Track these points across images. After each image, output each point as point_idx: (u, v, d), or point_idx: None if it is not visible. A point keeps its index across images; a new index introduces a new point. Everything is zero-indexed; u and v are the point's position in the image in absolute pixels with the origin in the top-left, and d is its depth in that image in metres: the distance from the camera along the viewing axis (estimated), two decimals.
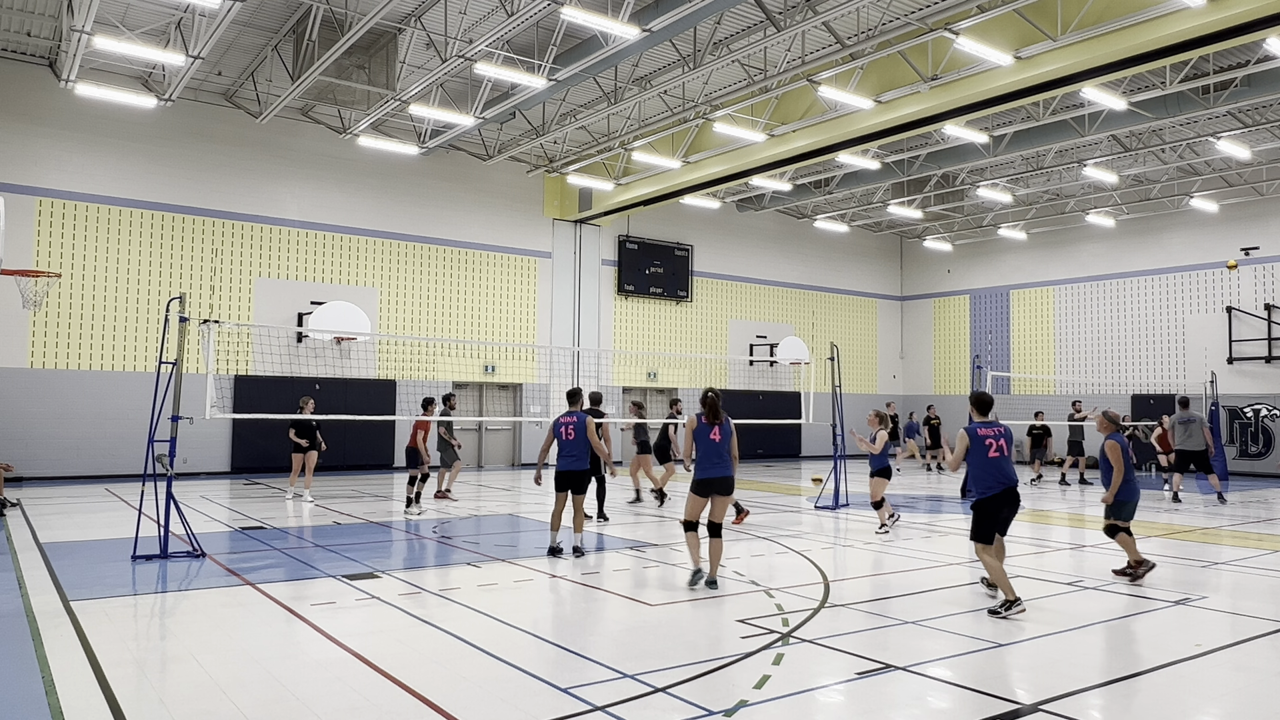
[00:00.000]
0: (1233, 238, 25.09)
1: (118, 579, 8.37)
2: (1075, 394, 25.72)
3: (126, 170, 19.00)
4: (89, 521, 12.34)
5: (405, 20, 15.77)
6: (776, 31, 14.38)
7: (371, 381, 21.38)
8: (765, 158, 19.62)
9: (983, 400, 7.95)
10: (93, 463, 18.26)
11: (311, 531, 11.65)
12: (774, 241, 29.65)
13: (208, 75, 18.81)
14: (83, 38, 14.35)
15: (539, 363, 24.32)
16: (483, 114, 18.09)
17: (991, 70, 15.13)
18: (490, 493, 16.93)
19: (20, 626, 6.55)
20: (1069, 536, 12.24)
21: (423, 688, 5.25)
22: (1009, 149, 20.80)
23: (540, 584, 8.54)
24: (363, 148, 21.30)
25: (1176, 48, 13.53)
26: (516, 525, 12.67)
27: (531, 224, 24.57)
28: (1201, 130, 20.31)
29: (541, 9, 13.35)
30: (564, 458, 9.80)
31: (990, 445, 7.55)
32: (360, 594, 7.86)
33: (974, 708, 5.06)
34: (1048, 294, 29.14)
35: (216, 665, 5.69)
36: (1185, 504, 16.18)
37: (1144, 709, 5.18)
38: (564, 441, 9.81)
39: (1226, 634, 6.84)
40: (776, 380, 28.91)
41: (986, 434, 7.60)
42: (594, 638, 6.65)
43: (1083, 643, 6.52)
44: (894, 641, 6.46)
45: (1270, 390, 23.84)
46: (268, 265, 20.59)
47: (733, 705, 5.01)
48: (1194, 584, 8.78)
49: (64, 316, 18.24)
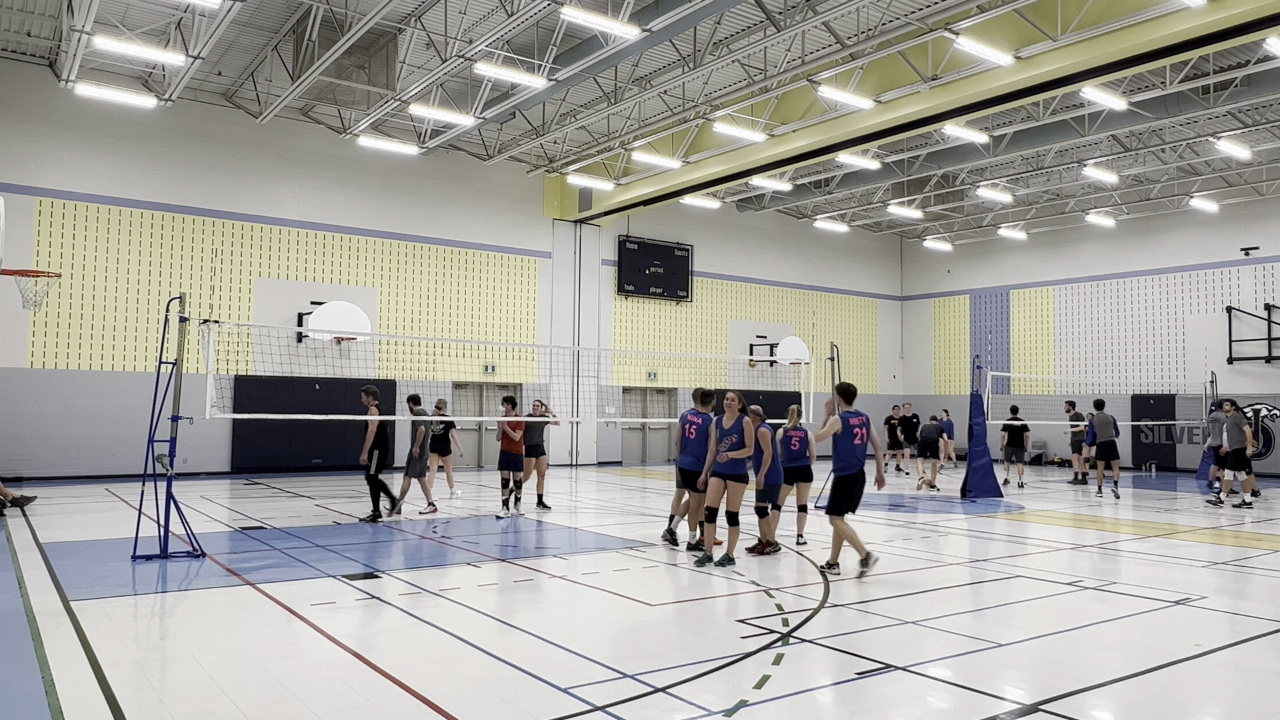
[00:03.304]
0: (1233, 238, 25.09)
1: (118, 579, 8.37)
2: (1075, 394, 25.69)
3: (126, 170, 18.99)
4: (89, 521, 12.34)
5: (405, 20, 15.77)
6: (776, 31, 14.38)
7: (372, 382, 21.36)
8: (765, 158, 19.62)
9: (848, 390, 9.12)
10: (93, 463, 18.26)
11: (311, 531, 11.65)
12: (774, 241, 29.65)
13: (208, 75, 18.80)
14: (83, 38, 14.35)
15: (539, 363, 24.32)
16: (483, 114, 18.09)
17: (991, 70, 15.13)
18: (490, 493, 16.92)
19: (20, 626, 6.55)
20: (1071, 537, 12.23)
21: (423, 688, 5.25)
22: (1009, 149, 20.80)
23: (540, 584, 8.54)
24: (363, 148, 21.30)
25: (1176, 48, 13.53)
26: (516, 525, 12.67)
27: (531, 224, 24.57)
28: (1201, 130, 20.30)
29: (541, 9, 13.35)
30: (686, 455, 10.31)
31: (857, 433, 8.90)
32: (360, 594, 7.86)
33: (974, 708, 5.06)
34: (1048, 294, 29.14)
35: (216, 665, 5.69)
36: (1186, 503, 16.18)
37: (1144, 709, 5.18)
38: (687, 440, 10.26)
39: (1226, 634, 6.84)
40: (776, 380, 28.90)
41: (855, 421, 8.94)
42: (594, 638, 6.65)
43: (1083, 643, 6.52)
44: (894, 641, 6.46)
45: (1270, 390, 23.84)
46: (268, 265, 20.59)
47: (733, 705, 5.01)
48: (1194, 584, 8.78)
49: (64, 316, 18.24)
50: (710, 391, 10.69)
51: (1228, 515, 14.66)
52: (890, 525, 13.10)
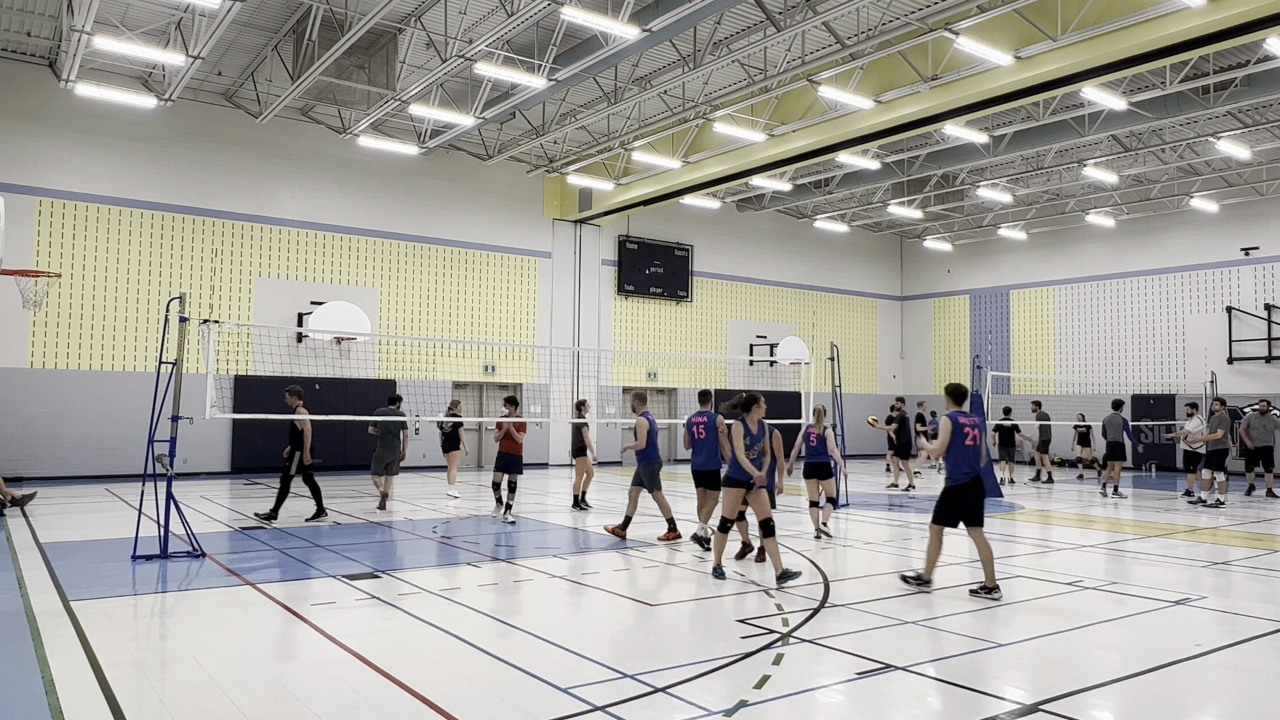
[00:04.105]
0: (1233, 238, 25.09)
1: (118, 579, 8.36)
2: (1075, 394, 25.70)
3: (126, 170, 19.00)
4: (89, 521, 12.34)
5: (405, 20, 15.77)
6: (776, 31, 14.38)
7: (371, 381, 21.37)
8: (765, 158, 19.62)
9: (958, 391, 8.30)
10: (93, 463, 18.26)
11: (311, 531, 11.64)
12: (774, 241, 29.65)
13: (208, 75, 18.80)
14: (83, 38, 14.35)
15: (539, 363, 24.32)
16: (483, 114, 18.09)
17: (991, 70, 15.13)
18: (490, 493, 16.90)
19: (20, 626, 6.55)
20: (1071, 536, 12.23)
21: (423, 688, 5.25)
22: (1009, 149, 20.80)
23: (540, 584, 8.54)
24: (363, 148, 21.30)
25: (1176, 48, 13.53)
26: (516, 525, 12.66)
27: (531, 224, 24.57)
28: (1201, 130, 20.31)
29: (541, 9, 13.35)
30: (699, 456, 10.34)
31: (969, 434, 7.98)
32: (360, 594, 7.86)
33: (974, 708, 5.06)
34: (1048, 294, 29.14)
35: (216, 665, 5.68)
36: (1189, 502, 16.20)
37: (1144, 709, 5.18)
38: (697, 440, 10.24)
39: (1226, 634, 6.84)
40: (776, 380, 28.90)
41: (965, 422, 8.01)
42: (594, 638, 6.65)
43: (1083, 643, 6.51)
44: (894, 641, 6.46)
45: (1270, 390, 23.82)
46: (268, 265, 20.59)
47: (733, 705, 5.00)
48: (1194, 584, 8.78)
49: (64, 316, 18.24)
50: (708, 391, 10.89)
51: (1227, 515, 14.66)
52: (890, 525, 13.10)
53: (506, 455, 13.08)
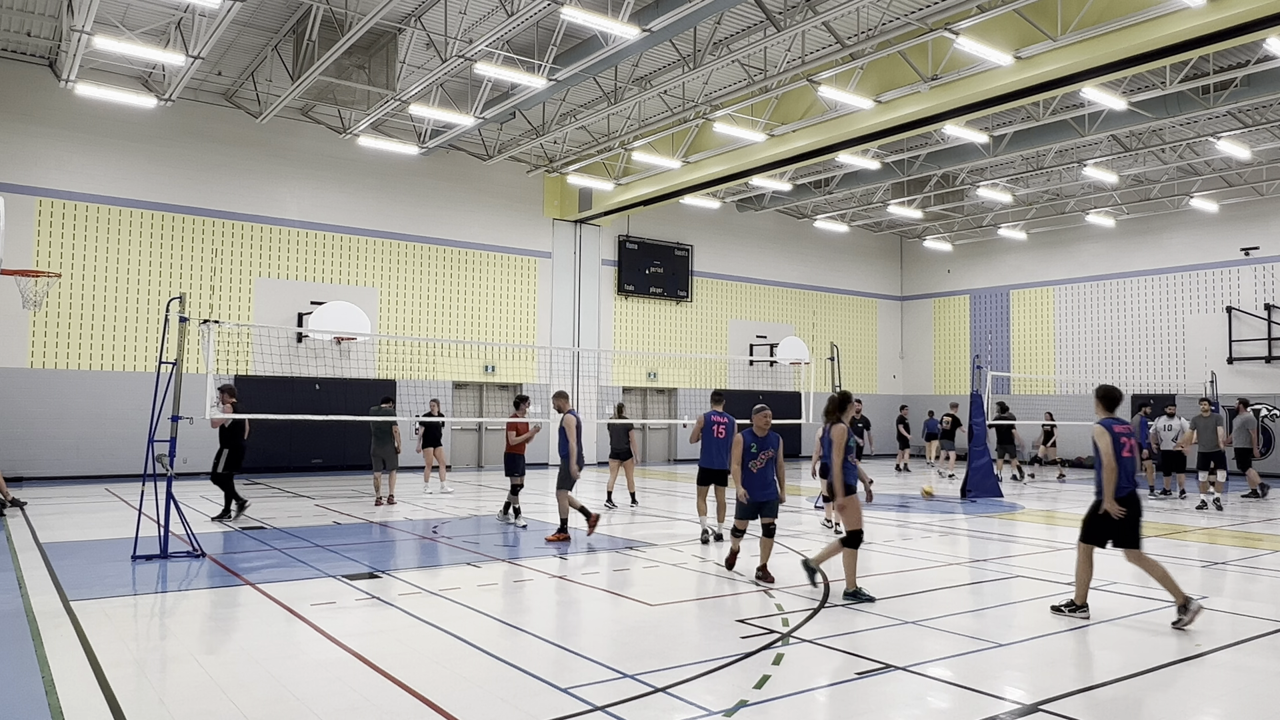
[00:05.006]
0: (1233, 238, 25.09)
1: (118, 579, 8.36)
2: (1074, 394, 25.71)
3: (126, 170, 18.99)
4: (89, 521, 12.34)
5: (405, 20, 15.76)
6: (776, 31, 14.38)
7: (371, 381, 21.37)
8: (765, 158, 19.61)
9: (1110, 395, 7.35)
10: (93, 463, 18.26)
11: (311, 531, 11.64)
12: (774, 241, 29.65)
13: (208, 75, 18.80)
14: (83, 38, 14.35)
15: (539, 363, 24.32)
16: (483, 114, 18.09)
17: (991, 70, 15.13)
18: (490, 493, 16.92)
19: (20, 626, 6.55)
20: (1071, 537, 12.22)
21: (423, 688, 5.25)
22: (1009, 149, 20.80)
23: (540, 584, 8.54)
24: (363, 148, 21.30)
25: (1176, 48, 13.53)
26: (518, 525, 12.65)
27: (531, 224, 24.57)
28: (1201, 130, 20.31)
29: (541, 9, 13.35)
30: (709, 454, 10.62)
31: (1124, 443, 7.08)
32: (360, 594, 7.86)
33: (974, 708, 5.06)
34: (1048, 294, 29.14)
35: (216, 665, 5.69)
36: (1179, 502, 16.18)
37: (1144, 709, 5.18)
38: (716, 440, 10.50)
39: (1226, 634, 6.84)
40: (776, 380, 28.90)
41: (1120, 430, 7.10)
42: (594, 638, 6.65)
43: (1083, 643, 6.51)
44: (894, 641, 6.46)
45: (1270, 390, 23.83)
46: (268, 265, 20.59)
47: (733, 705, 5.00)
48: (1194, 584, 8.78)
49: (64, 316, 18.24)
50: (721, 391, 11.27)
51: (1227, 515, 14.66)
52: (890, 525, 13.10)
53: (513, 456, 13.09)
